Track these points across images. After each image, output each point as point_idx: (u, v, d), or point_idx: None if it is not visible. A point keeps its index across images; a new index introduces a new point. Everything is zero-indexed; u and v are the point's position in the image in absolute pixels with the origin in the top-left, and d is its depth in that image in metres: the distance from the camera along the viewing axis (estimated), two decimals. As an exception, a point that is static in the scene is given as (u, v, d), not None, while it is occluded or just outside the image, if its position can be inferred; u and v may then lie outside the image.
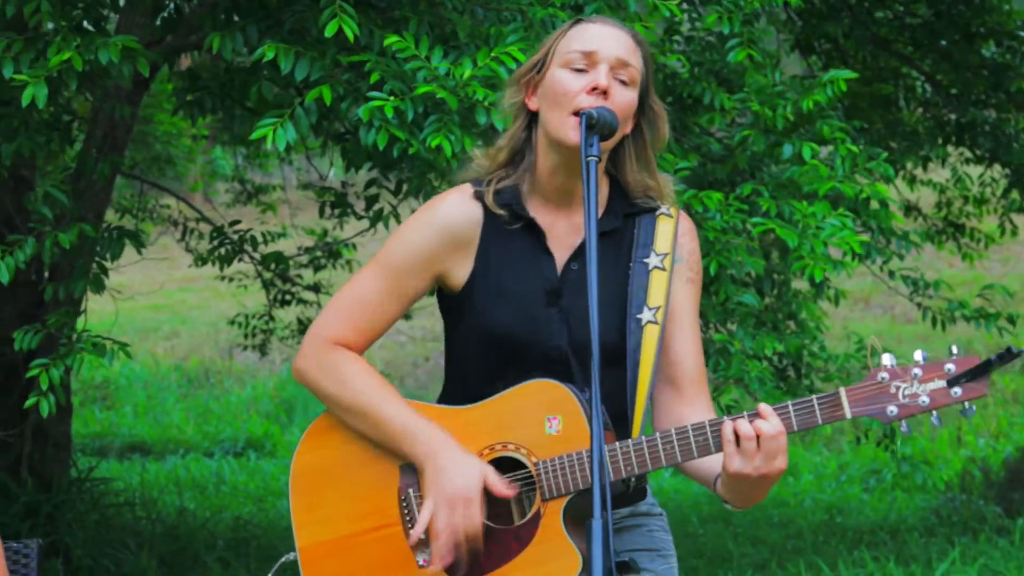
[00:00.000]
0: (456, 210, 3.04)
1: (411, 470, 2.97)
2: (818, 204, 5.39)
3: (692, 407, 3.04)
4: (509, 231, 3.03)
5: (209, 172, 13.17)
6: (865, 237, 5.42)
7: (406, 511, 2.97)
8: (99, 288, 5.71)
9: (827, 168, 5.54)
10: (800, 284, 6.39)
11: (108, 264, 5.81)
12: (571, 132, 2.93)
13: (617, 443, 2.87)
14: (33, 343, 5.43)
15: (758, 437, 2.80)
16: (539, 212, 3.04)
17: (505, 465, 2.94)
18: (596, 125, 2.88)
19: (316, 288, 9.34)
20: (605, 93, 2.93)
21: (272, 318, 9.74)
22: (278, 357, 14.59)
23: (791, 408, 2.84)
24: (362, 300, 3.04)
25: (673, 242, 3.05)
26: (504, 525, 2.93)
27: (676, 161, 5.36)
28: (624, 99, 2.98)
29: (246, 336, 9.95)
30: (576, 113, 2.91)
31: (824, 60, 8.74)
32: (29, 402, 5.18)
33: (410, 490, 2.97)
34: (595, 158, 2.83)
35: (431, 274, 3.04)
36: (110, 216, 8.35)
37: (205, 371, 15.66)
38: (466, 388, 3.03)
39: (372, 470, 2.99)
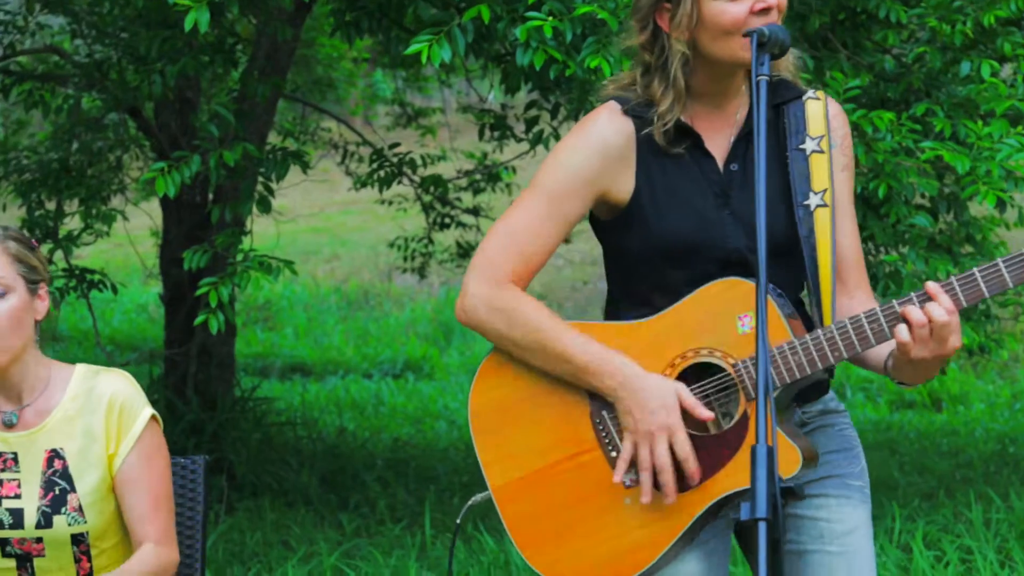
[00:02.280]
0: (609, 127, 2.95)
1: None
2: (995, 123, 5.17)
3: (854, 298, 2.99)
4: (665, 141, 2.94)
5: (369, 95, 13.19)
6: (1048, 156, 5.17)
7: (604, 434, 2.91)
8: (265, 208, 5.76)
9: (1006, 87, 5.31)
10: (978, 210, 6.16)
11: (273, 185, 5.85)
12: (743, 52, 2.84)
13: (796, 339, 2.81)
14: (202, 262, 5.51)
15: (930, 322, 2.73)
16: (692, 117, 2.96)
17: (700, 371, 2.87)
18: (767, 43, 2.78)
19: (475, 211, 9.32)
20: (770, 9, 2.84)
21: (431, 241, 9.77)
22: (437, 280, 14.67)
23: (978, 276, 2.75)
24: (522, 229, 2.96)
25: (826, 124, 2.96)
26: (709, 432, 2.86)
27: (847, 80, 5.18)
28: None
29: (405, 259, 10.00)
30: (746, 34, 2.81)
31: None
32: (199, 319, 5.25)
33: (604, 412, 2.90)
34: (766, 77, 2.74)
35: (591, 195, 2.96)
36: (272, 138, 8.42)
37: (364, 293, 15.82)
38: (639, 307, 2.95)
39: (556, 399, 2.93)
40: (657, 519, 2.85)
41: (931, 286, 2.76)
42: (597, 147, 2.94)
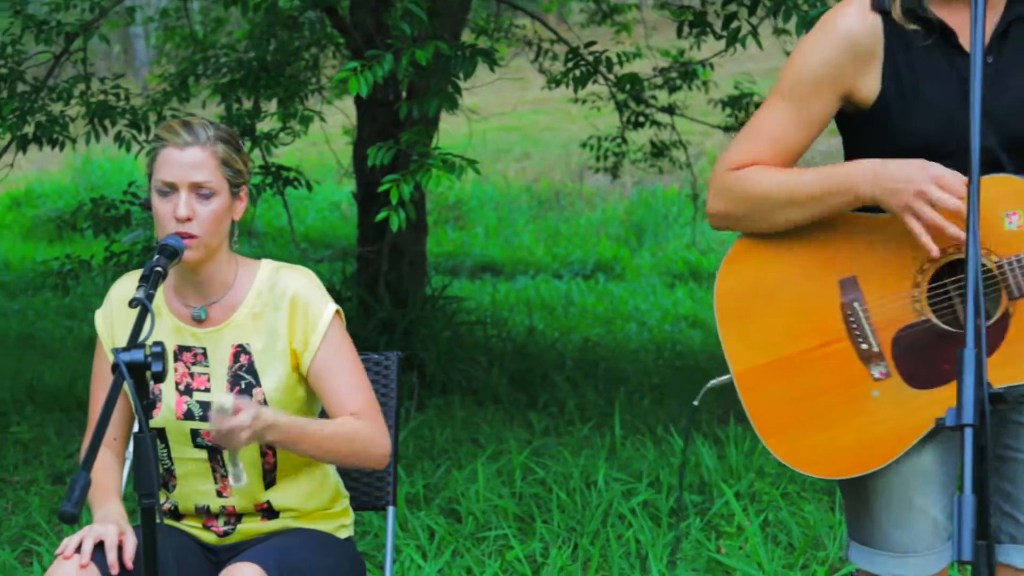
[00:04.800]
0: (856, 22, 2.79)
1: (853, 284, 2.83)
2: None
3: None
4: (915, 38, 2.78)
5: (564, -8, 13.07)
6: None
7: (854, 325, 2.83)
8: (452, 106, 5.71)
9: None
10: None
11: (461, 82, 5.80)
12: None
13: None
14: (385, 159, 5.49)
15: None
16: (943, 10, 2.79)
17: (956, 267, 2.76)
18: None
19: (670, 110, 9.16)
20: None
21: (624, 140, 9.65)
22: (629, 180, 14.56)
23: None
24: (764, 129, 2.85)
25: None
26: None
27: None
28: None
29: (597, 159, 9.90)
30: None
31: None
32: (380, 216, 5.25)
33: (856, 304, 2.82)
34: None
35: (836, 94, 2.81)
36: (466, 36, 8.37)
37: (555, 193, 15.80)
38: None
39: (805, 288, 2.86)
40: (905, 414, 2.79)
41: None
42: (841, 43, 2.79)
